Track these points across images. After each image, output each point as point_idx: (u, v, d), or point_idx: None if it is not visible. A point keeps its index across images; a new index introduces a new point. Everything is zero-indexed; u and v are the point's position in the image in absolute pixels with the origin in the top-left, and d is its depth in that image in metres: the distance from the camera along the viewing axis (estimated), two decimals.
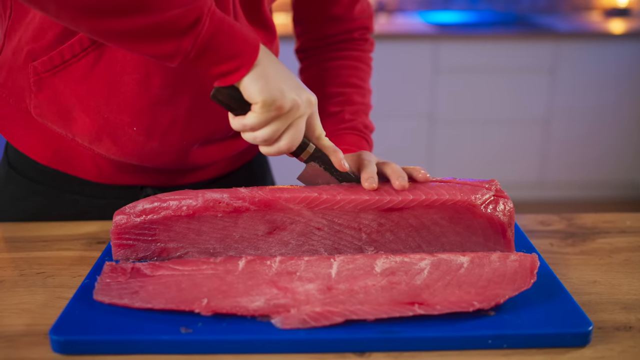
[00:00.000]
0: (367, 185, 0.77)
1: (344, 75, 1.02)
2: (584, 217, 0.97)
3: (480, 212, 0.75)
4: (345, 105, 1.00)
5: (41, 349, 0.64)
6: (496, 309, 0.66)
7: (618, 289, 0.75)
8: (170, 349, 0.63)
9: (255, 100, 0.71)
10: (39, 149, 0.93)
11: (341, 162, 0.78)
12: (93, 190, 0.97)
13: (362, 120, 0.99)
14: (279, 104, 0.71)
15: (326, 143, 0.79)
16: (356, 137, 0.97)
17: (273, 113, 0.72)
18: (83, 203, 0.97)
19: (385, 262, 0.73)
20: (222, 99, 0.73)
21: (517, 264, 0.71)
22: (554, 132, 3.07)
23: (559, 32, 2.91)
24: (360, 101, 1.01)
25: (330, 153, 0.79)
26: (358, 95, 1.02)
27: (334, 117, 0.99)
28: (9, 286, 0.77)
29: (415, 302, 0.66)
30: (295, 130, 0.74)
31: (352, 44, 1.06)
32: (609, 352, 0.63)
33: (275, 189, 0.78)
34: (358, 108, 1.00)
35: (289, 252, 0.77)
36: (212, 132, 0.93)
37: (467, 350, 0.63)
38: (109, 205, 0.96)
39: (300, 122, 0.75)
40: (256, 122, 0.72)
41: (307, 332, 0.63)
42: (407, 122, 3.02)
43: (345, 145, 0.95)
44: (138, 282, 0.71)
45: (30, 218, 0.97)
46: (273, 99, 0.71)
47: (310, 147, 0.79)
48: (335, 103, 1.00)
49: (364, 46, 1.07)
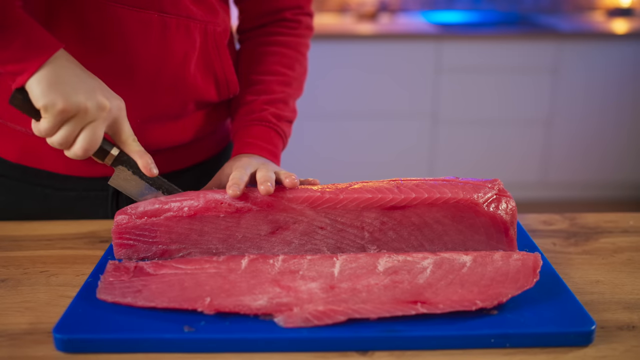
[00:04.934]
0: (230, 193, 0.76)
1: (268, 62, 1.00)
2: (587, 216, 0.97)
3: (483, 211, 0.75)
4: (261, 95, 0.98)
5: (44, 347, 0.64)
6: (499, 308, 0.66)
7: (621, 288, 0.75)
8: (173, 348, 0.63)
9: (38, 105, 0.72)
10: (6, 147, 0.95)
11: (148, 167, 0.78)
12: (63, 184, 0.97)
13: (273, 111, 0.96)
14: (60, 107, 0.71)
15: (133, 148, 0.79)
16: (263, 129, 0.95)
17: (58, 117, 0.72)
18: (53, 196, 0.98)
19: (388, 261, 0.73)
20: (17, 103, 0.74)
21: (520, 263, 0.71)
22: (557, 131, 3.06)
23: (561, 32, 2.91)
24: (279, 90, 0.99)
25: (136, 157, 0.79)
26: (278, 84, 0.99)
27: (245, 107, 0.97)
28: (13, 284, 0.77)
29: (418, 301, 0.66)
30: (87, 135, 0.74)
31: (285, 26, 1.02)
32: (611, 352, 0.63)
33: (277, 189, 0.78)
34: (275, 97, 0.98)
35: (291, 251, 0.77)
36: (165, 107, 0.92)
37: (470, 349, 0.63)
38: (79, 197, 0.97)
39: (94, 127, 0.74)
40: (47, 127, 0.73)
41: (309, 330, 0.63)
42: (410, 122, 3.02)
43: (250, 138, 0.93)
44: (141, 280, 0.71)
45: (1, 213, 0.98)
46: (53, 103, 0.71)
47: (115, 151, 0.78)
48: (252, 92, 0.98)
49: (298, 30, 1.03)
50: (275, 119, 0.96)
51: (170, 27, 0.87)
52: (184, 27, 0.88)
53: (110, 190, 0.98)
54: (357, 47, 2.90)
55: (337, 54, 2.90)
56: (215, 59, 0.94)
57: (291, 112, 1.00)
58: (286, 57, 1.01)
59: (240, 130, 0.95)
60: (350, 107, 2.98)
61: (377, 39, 2.90)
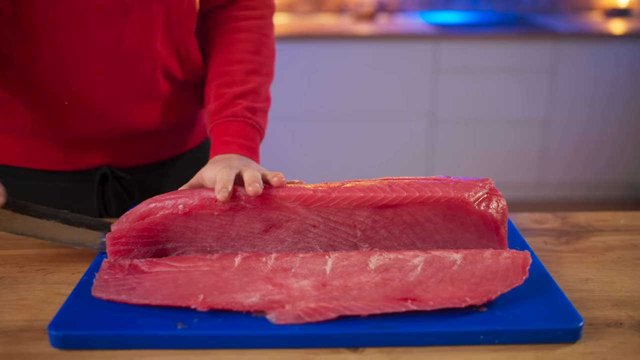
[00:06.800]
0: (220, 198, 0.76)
1: (234, 50, 1.00)
2: (578, 215, 0.98)
3: (474, 210, 0.76)
4: (231, 86, 0.97)
5: (40, 343, 0.65)
6: (488, 305, 0.67)
7: (610, 286, 0.76)
8: (167, 344, 0.64)
9: None
10: None
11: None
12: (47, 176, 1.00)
13: (247, 104, 0.96)
14: None
15: None
16: (239, 125, 0.95)
17: None
18: (38, 188, 1.00)
19: (379, 259, 0.74)
20: None
21: (510, 261, 0.72)
22: (554, 132, 3.07)
23: (559, 33, 2.91)
24: (248, 80, 0.98)
25: None
26: (246, 73, 0.98)
27: (218, 102, 0.97)
28: (9, 282, 0.78)
29: (409, 298, 0.66)
30: None
31: (245, 7, 1.02)
32: (599, 348, 0.64)
33: (271, 187, 0.79)
34: (246, 88, 0.97)
35: (284, 249, 0.78)
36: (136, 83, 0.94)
37: (459, 345, 0.64)
38: (65, 188, 1.01)
39: None
40: None
41: (301, 327, 0.64)
42: (407, 122, 3.02)
43: (227, 136, 0.94)
44: (135, 278, 0.72)
45: None
46: None
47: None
48: (222, 84, 0.98)
49: (259, 9, 1.03)
50: (249, 112, 0.96)
51: (133, 9, 0.89)
52: (146, 7, 0.90)
53: (95, 181, 1.01)
54: (355, 48, 2.91)
55: (335, 54, 2.91)
56: (178, 36, 0.96)
57: (264, 102, 1.00)
58: (250, 42, 1.01)
59: (217, 127, 0.96)
60: (348, 108, 2.99)
61: (375, 39, 2.91)
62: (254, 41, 1.01)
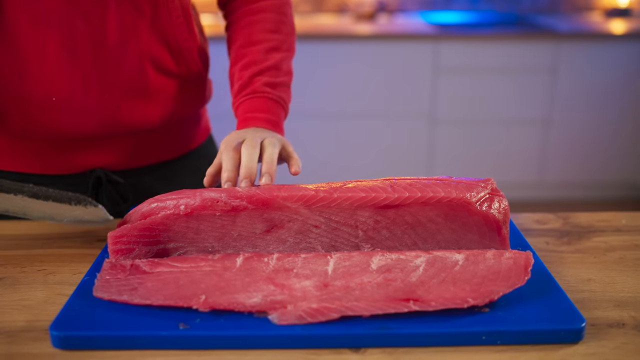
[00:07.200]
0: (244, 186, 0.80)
1: (251, 32, 1.00)
2: (580, 216, 0.98)
3: (476, 210, 0.76)
4: (249, 67, 0.98)
5: (41, 344, 0.65)
6: (490, 305, 0.67)
7: (612, 286, 0.76)
8: (169, 345, 0.64)
9: None
10: None
11: None
12: (40, 181, 0.99)
13: (266, 80, 0.97)
14: None
15: None
16: (260, 100, 0.96)
17: None
18: None
19: (381, 259, 0.74)
20: None
21: (512, 262, 0.72)
22: (554, 132, 3.07)
23: (559, 33, 2.91)
24: (267, 57, 0.99)
25: None
26: (264, 52, 0.99)
27: (238, 84, 0.98)
28: (10, 283, 0.78)
29: (411, 299, 0.66)
30: None
31: None
32: (601, 349, 0.64)
33: (272, 188, 0.78)
34: (264, 66, 0.98)
35: (286, 249, 0.78)
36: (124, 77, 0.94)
37: (461, 346, 0.64)
38: None
39: None
40: None
41: (303, 328, 0.64)
42: (407, 122, 3.02)
43: (249, 112, 0.95)
44: (137, 278, 0.72)
45: None
46: None
47: None
48: (241, 67, 0.99)
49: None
50: (269, 87, 0.96)
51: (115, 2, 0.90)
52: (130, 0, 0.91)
53: (89, 185, 1.01)
54: (356, 48, 2.91)
55: (336, 54, 2.91)
56: (167, 26, 0.96)
57: (286, 75, 1.00)
58: (269, 21, 1.01)
59: (239, 107, 0.96)
60: (348, 107, 2.99)
61: (376, 39, 2.91)
62: (272, 20, 1.01)
